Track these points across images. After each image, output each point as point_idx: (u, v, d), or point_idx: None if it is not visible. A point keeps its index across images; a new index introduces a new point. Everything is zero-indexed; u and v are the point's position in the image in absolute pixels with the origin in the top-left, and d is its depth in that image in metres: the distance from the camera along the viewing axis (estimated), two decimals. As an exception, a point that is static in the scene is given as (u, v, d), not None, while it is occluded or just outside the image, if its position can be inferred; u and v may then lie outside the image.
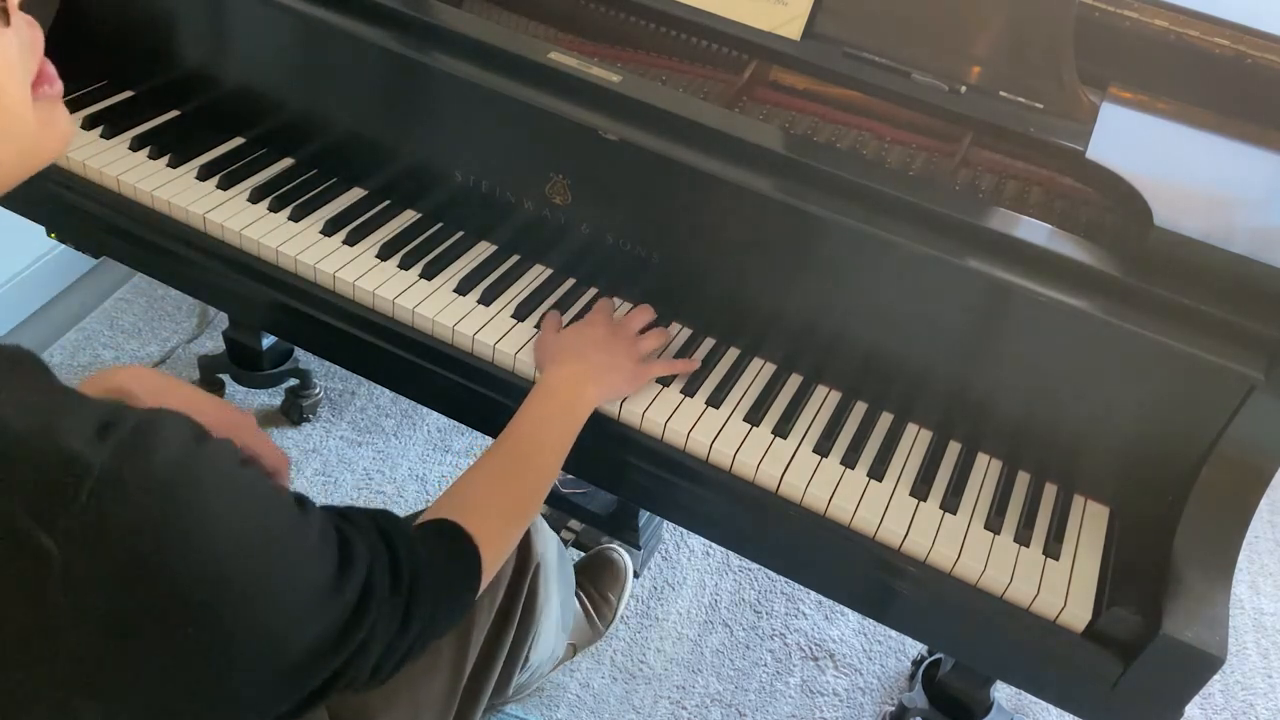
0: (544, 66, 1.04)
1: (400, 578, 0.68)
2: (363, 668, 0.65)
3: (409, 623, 0.69)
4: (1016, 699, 1.54)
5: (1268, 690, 1.65)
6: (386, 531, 0.70)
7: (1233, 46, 1.07)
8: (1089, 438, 0.97)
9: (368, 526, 0.69)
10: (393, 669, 0.70)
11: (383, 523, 0.71)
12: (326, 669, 0.62)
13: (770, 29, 1.09)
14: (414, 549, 0.71)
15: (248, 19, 1.16)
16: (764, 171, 0.98)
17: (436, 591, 0.72)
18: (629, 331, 1.04)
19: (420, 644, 0.72)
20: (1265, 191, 1.02)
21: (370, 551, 0.66)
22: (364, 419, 1.83)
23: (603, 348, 1.00)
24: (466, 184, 1.13)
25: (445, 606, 0.74)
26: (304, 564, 0.59)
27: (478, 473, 0.87)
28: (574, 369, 0.97)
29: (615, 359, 0.99)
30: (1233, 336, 0.87)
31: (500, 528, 0.83)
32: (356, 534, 0.66)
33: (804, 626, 1.61)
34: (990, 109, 1.05)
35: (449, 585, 0.75)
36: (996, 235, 0.93)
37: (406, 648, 0.70)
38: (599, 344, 1.00)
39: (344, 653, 0.62)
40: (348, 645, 0.62)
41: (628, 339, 1.03)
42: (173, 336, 1.93)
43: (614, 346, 1.00)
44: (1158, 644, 0.84)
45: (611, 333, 1.02)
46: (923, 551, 0.94)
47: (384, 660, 0.68)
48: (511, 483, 0.87)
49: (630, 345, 1.02)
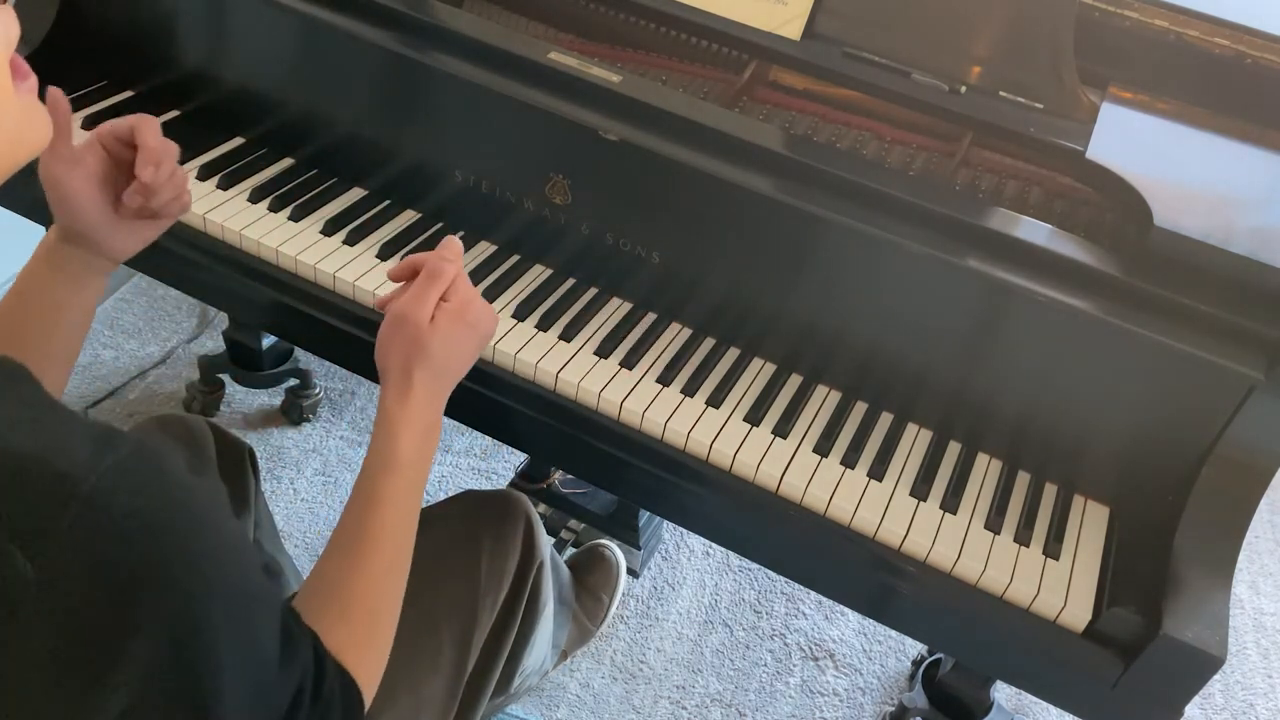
0: (544, 66, 1.04)
1: (321, 690, 0.65)
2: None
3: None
4: (1016, 699, 1.54)
5: (1268, 690, 1.65)
6: (318, 650, 0.67)
7: (1233, 46, 1.07)
8: (1089, 438, 0.97)
9: (307, 638, 0.66)
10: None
11: (317, 645, 0.67)
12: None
13: (770, 29, 1.09)
14: (333, 678, 0.67)
15: (248, 19, 1.16)
16: (764, 171, 0.98)
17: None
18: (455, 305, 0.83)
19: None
20: (1265, 191, 1.02)
21: (308, 654, 0.64)
22: (364, 419, 1.83)
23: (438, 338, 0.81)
24: (466, 184, 1.13)
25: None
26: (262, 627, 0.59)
27: (335, 608, 0.73)
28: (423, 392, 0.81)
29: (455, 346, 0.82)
30: (1233, 336, 0.87)
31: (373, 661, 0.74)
32: (300, 631, 0.64)
33: (804, 626, 1.61)
34: (990, 109, 1.05)
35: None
36: (996, 235, 0.93)
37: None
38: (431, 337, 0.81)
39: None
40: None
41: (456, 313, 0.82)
42: (173, 336, 1.93)
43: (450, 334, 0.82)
44: (1158, 644, 0.84)
45: (420, 318, 0.81)
46: (923, 551, 0.94)
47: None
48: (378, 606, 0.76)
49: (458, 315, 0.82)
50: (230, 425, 1.75)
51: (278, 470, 1.71)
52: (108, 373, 1.82)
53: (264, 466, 1.68)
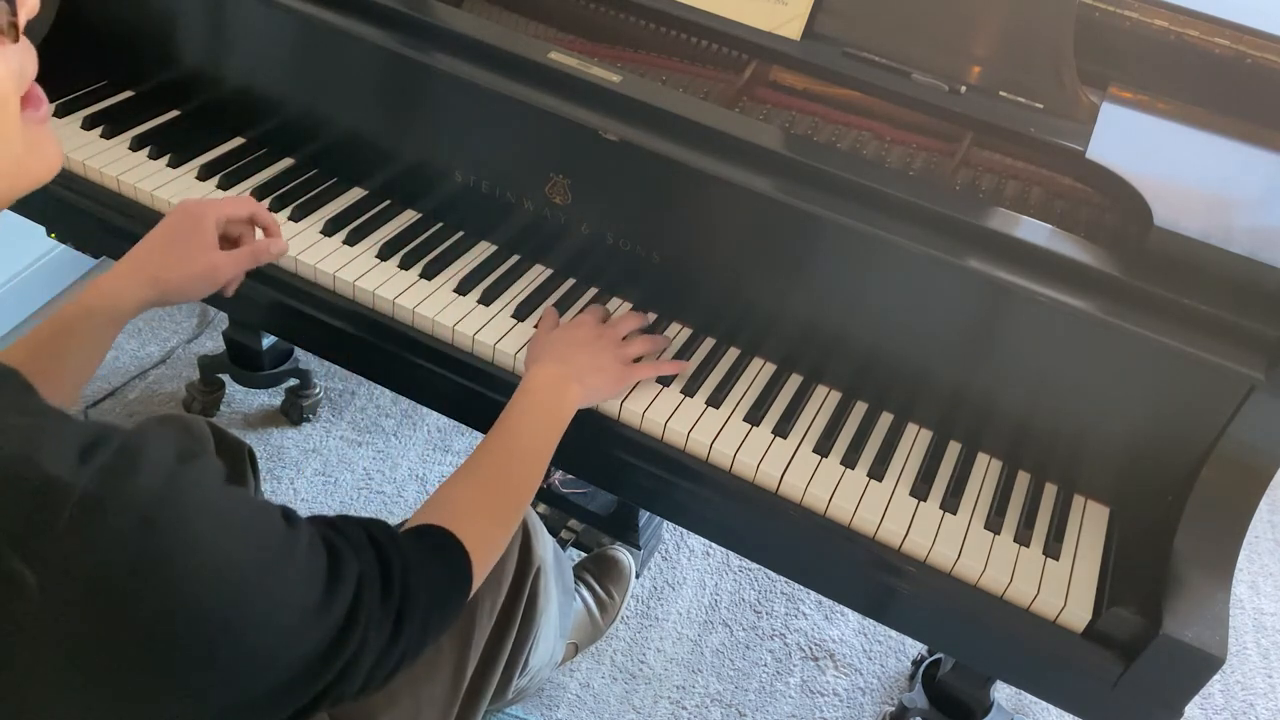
0: (544, 66, 1.04)
1: (391, 587, 0.67)
2: (353, 681, 0.64)
3: (399, 633, 0.68)
4: (1016, 699, 1.54)
5: (1268, 690, 1.65)
6: (378, 540, 0.69)
7: (1233, 46, 1.07)
8: (1089, 438, 0.97)
9: (358, 536, 0.68)
10: (383, 680, 0.69)
11: (374, 531, 0.70)
12: (315, 686, 0.61)
13: (770, 29, 1.09)
14: (405, 557, 0.70)
15: (248, 19, 1.16)
16: (764, 171, 0.98)
17: (428, 600, 0.71)
18: (616, 334, 1.03)
19: (411, 654, 0.70)
20: (1265, 191, 1.02)
21: (360, 562, 0.65)
22: (364, 419, 1.83)
23: (587, 349, 0.99)
24: (466, 184, 1.13)
25: (436, 614, 0.73)
26: (290, 584, 0.58)
27: (463, 477, 0.86)
28: (556, 370, 0.96)
29: (599, 360, 0.99)
30: (1233, 336, 0.87)
31: (487, 531, 0.82)
32: (346, 545, 0.65)
33: (804, 626, 1.61)
34: (990, 109, 1.05)
35: (439, 593, 0.74)
36: (996, 235, 0.93)
37: (397, 658, 0.69)
38: (583, 345, 1.00)
39: (333, 668, 0.61)
40: (337, 660, 0.61)
41: (614, 341, 1.02)
42: (173, 336, 1.93)
43: (598, 348, 1.00)
44: (1158, 644, 0.84)
45: (597, 335, 1.02)
46: (923, 551, 0.94)
47: (374, 672, 0.67)
48: (497, 485, 0.87)
49: (616, 348, 1.01)
50: (230, 425, 1.75)
51: (278, 470, 1.71)
52: (108, 373, 1.82)
53: (264, 466, 1.68)
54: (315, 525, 0.65)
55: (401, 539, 0.73)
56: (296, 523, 0.62)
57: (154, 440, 0.54)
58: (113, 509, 0.50)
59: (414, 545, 0.74)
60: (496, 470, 0.88)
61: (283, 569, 0.58)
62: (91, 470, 0.50)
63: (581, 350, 0.99)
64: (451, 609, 0.77)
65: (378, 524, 0.71)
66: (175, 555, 0.51)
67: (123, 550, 0.49)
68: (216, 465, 0.57)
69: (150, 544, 0.50)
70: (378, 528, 0.71)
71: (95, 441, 0.52)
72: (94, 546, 0.49)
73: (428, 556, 0.74)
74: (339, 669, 0.62)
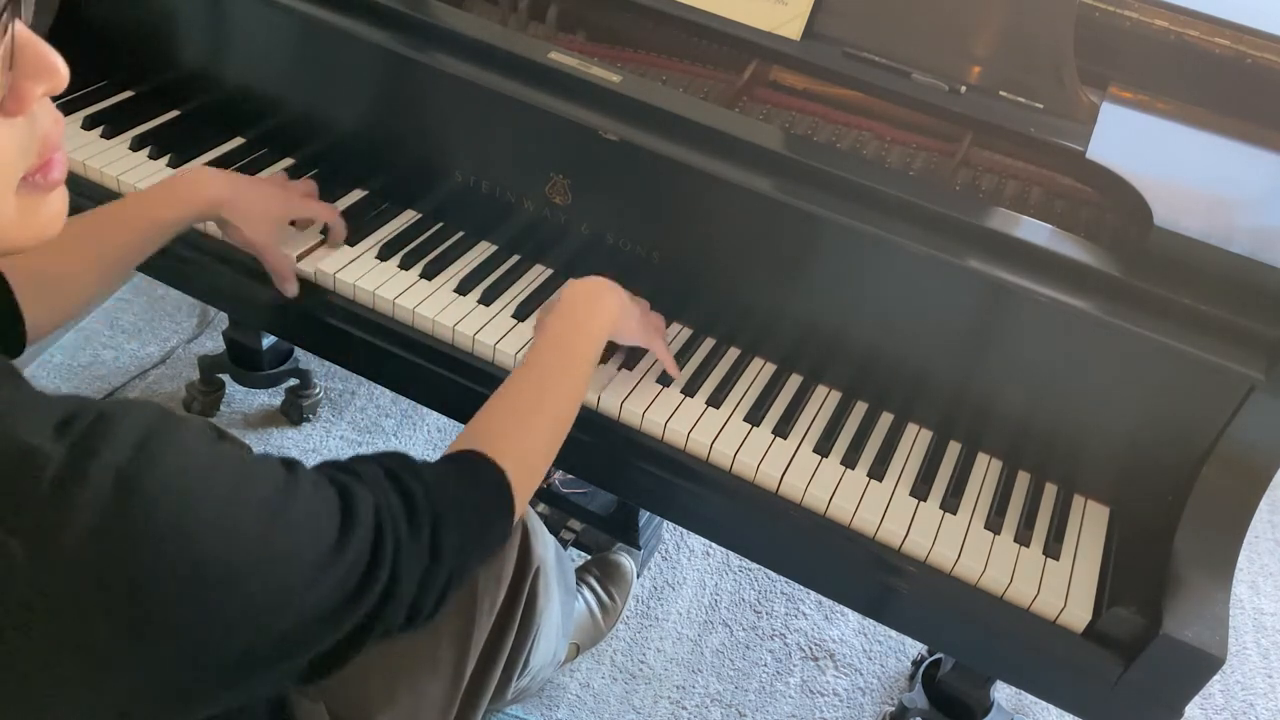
0: (544, 66, 1.04)
1: (417, 515, 0.67)
2: (397, 611, 0.64)
3: (439, 557, 0.67)
4: (1016, 699, 1.54)
5: (1268, 690, 1.65)
6: (394, 472, 0.68)
7: (1233, 46, 1.07)
8: (1089, 438, 0.97)
9: (372, 472, 0.68)
10: (435, 605, 0.69)
11: (390, 463, 0.69)
12: (348, 622, 0.61)
13: (770, 29, 1.09)
14: (428, 482, 0.69)
15: (248, 19, 1.16)
16: (764, 171, 0.98)
17: (463, 520, 0.71)
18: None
19: (460, 575, 0.70)
20: (1265, 191, 1.02)
21: (377, 496, 0.65)
22: (364, 419, 1.83)
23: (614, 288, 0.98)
24: (467, 184, 1.13)
25: (478, 533, 0.73)
26: (296, 528, 0.58)
27: (497, 401, 0.84)
28: (587, 284, 0.95)
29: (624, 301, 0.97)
30: (1233, 336, 0.87)
31: (526, 451, 0.81)
32: (357, 483, 0.65)
33: (804, 626, 1.61)
34: (990, 109, 1.05)
35: (477, 511, 0.74)
36: (996, 235, 0.93)
37: (444, 581, 0.68)
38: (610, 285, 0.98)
39: (366, 603, 0.61)
40: (368, 595, 0.61)
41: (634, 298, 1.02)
42: (173, 336, 1.93)
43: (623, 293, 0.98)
44: (1158, 644, 0.84)
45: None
46: (923, 552, 0.94)
47: (421, 598, 0.66)
48: (533, 406, 0.85)
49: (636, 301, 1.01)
50: (230, 425, 1.75)
51: (278, 470, 1.71)
52: (108, 373, 1.82)
53: (264, 466, 1.68)
54: (324, 469, 0.65)
55: (423, 467, 0.72)
56: (297, 468, 0.61)
57: (134, 408, 0.54)
58: (93, 472, 0.49)
59: (444, 471, 0.73)
60: (531, 391, 0.86)
61: (285, 514, 0.57)
62: (70, 438, 0.50)
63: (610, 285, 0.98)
64: (495, 528, 0.76)
65: (394, 455, 0.71)
66: (160, 511, 0.51)
67: (107, 514, 0.49)
68: (202, 424, 0.57)
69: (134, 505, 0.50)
70: (394, 459, 0.71)
71: (74, 413, 0.52)
72: (78, 511, 0.49)
73: (460, 479, 0.74)
74: (374, 601, 0.62)
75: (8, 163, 0.53)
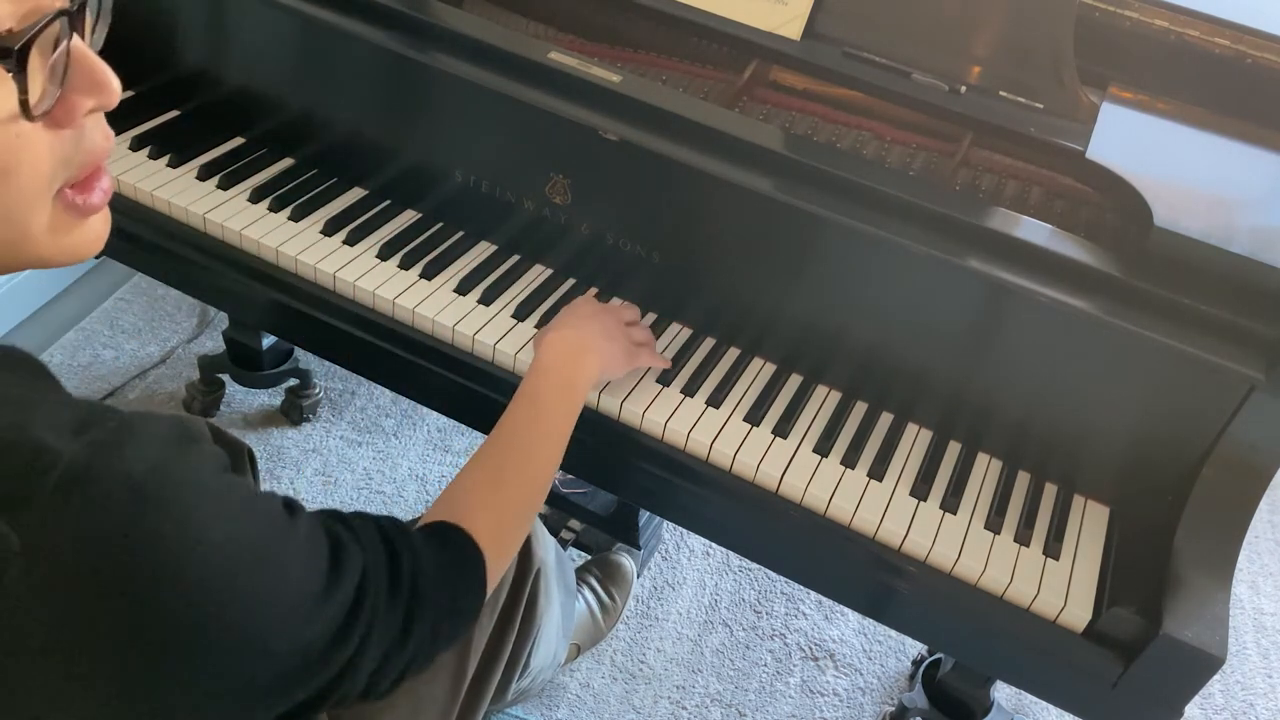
0: (544, 66, 1.04)
1: (399, 583, 0.66)
2: (357, 679, 0.63)
3: (409, 632, 0.67)
4: (1016, 699, 1.54)
5: (1268, 690, 1.65)
6: (387, 534, 0.68)
7: (1233, 46, 1.07)
8: (1089, 438, 0.97)
9: (367, 530, 0.67)
10: (391, 684, 0.67)
11: (384, 525, 0.69)
12: (317, 679, 0.60)
13: (770, 29, 1.09)
14: (416, 555, 0.69)
15: (248, 19, 1.16)
16: (764, 171, 0.98)
17: (439, 599, 0.70)
18: (619, 314, 1.03)
19: (422, 657, 0.69)
20: (1265, 191, 1.02)
21: (366, 555, 0.64)
22: (364, 419, 1.83)
23: (596, 320, 0.97)
24: (466, 184, 1.13)
25: (449, 615, 0.72)
26: (286, 570, 0.57)
27: (475, 469, 0.83)
28: (568, 337, 0.94)
29: (610, 331, 0.97)
30: (1233, 336, 0.87)
31: (503, 527, 0.80)
32: (351, 538, 0.64)
33: (804, 626, 1.61)
34: (990, 109, 1.05)
35: (452, 592, 0.73)
36: (996, 235, 0.93)
37: (406, 660, 0.68)
38: (591, 317, 0.98)
39: (336, 662, 0.61)
40: (338, 655, 0.61)
41: (619, 319, 1.01)
42: (173, 336, 1.93)
43: (607, 320, 0.98)
44: (1158, 644, 0.84)
45: (604, 309, 1.01)
46: (923, 551, 0.94)
47: (381, 672, 0.65)
48: (512, 476, 0.83)
49: (621, 324, 1.00)
50: (230, 425, 1.75)
51: (277, 470, 1.71)
52: (108, 373, 1.82)
53: (264, 467, 1.68)
54: (322, 517, 0.64)
55: (414, 536, 0.71)
56: (298, 512, 0.61)
57: (153, 421, 0.54)
58: (102, 478, 0.49)
59: (425, 544, 0.72)
60: (511, 460, 0.84)
61: (279, 554, 0.57)
62: (84, 441, 0.50)
63: (591, 320, 0.98)
64: (466, 612, 0.75)
65: (390, 520, 0.71)
66: (164, 529, 0.51)
67: (110, 520, 0.49)
68: (216, 451, 0.57)
69: (139, 515, 0.50)
70: (389, 523, 0.70)
71: (93, 419, 0.52)
72: (80, 514, 0.49)
73: (441, 555, 0.73)
74: (341, 665, 0.61)
75: (44, 173, 0.53)
